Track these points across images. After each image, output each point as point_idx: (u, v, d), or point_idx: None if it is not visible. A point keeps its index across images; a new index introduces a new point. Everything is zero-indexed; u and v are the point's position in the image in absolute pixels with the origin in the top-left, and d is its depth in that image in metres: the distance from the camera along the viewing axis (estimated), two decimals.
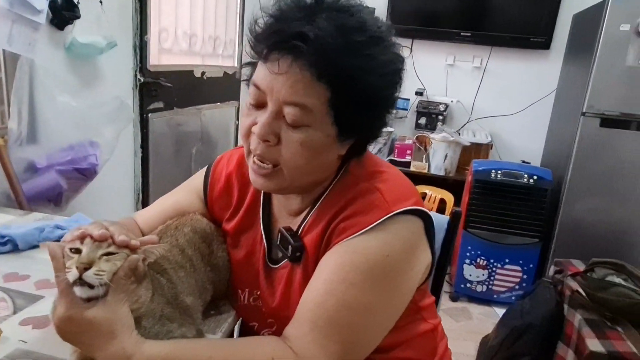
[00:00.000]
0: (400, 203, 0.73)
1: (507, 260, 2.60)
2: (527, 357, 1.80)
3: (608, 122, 2.36)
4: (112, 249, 0.62)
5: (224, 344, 0.71)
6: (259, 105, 0.71)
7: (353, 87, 0.67)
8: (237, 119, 3.10)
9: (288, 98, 0.67)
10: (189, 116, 2.52)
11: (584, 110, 2.38)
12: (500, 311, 2.56)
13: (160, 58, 2.26)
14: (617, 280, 1.64)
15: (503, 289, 2.64)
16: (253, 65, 0.76)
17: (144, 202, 2.27)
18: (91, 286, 0.58)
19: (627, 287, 1.59)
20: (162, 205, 0.94)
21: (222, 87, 2.84)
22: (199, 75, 2.54)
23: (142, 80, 2.10)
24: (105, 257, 0.60)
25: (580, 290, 1.68)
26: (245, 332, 0.87)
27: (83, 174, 1.61)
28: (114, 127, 1.69)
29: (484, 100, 3.20)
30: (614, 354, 1.44)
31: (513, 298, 2.60)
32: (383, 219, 0.71)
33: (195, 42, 2.54)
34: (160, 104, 2.24)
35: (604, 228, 2.45)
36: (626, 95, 2.32)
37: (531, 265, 2.58)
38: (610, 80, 2.32)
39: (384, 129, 0.79)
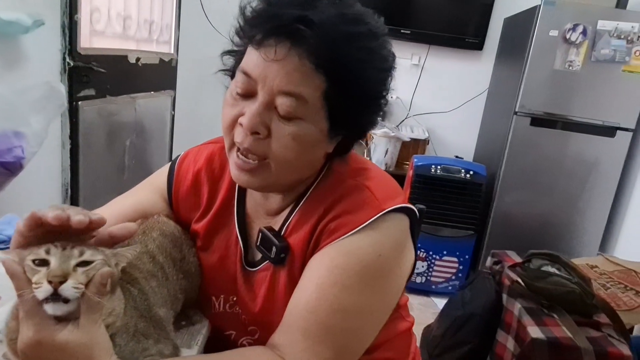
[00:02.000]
0: (391, 201, 0.71)
1: (444, 252, 2.71)
2: (469, 345, 1.88)
3: (537, 121, 2.53)
4: (85, 257, 0.54)
5: None
6: (248, 94, 0.65)
7: (351, 79, 0.64)
8: (173, 110, 2.94)
9: (283, 87, 0.62)
10: (122, 105, 2.33)
11: (516, 110, 2.53)
12: (439, 301, 2.66)
13: (91, 41, 2.07)
14: (552, 270, 1.75)
15: (441, 280, 2.75)
16: (235, 53, 0.70)
17: (73, 198, 2.08)
18: (66, 301, 0.51)
19: (561, 276, 1.70)
20: (120, 206, 0.84)
21: (158, 75, 2.67)
22: (134, 62, 2.36)
23: (71, 64, 1.90)
24: (80, 269, 0.52)
25: (519, 280, 1.78)
26: (220, 341, 0.80)
27: (7, 169, 1.42)
28: (43, 116, 1.51)
29: (422, 97, 3.29)
30: (552, 339, 1.54)
31: (450, 288, 2.71)
32: (375, 217, 0.68)
33: (129, 25, 2.36)
34: (92, 91, 2.06)
35: (533, 220, 2.64)
36: (553, 97, 2.50)
37: (467, 257, 2.71)
38: (540, 82, 2.48)
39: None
